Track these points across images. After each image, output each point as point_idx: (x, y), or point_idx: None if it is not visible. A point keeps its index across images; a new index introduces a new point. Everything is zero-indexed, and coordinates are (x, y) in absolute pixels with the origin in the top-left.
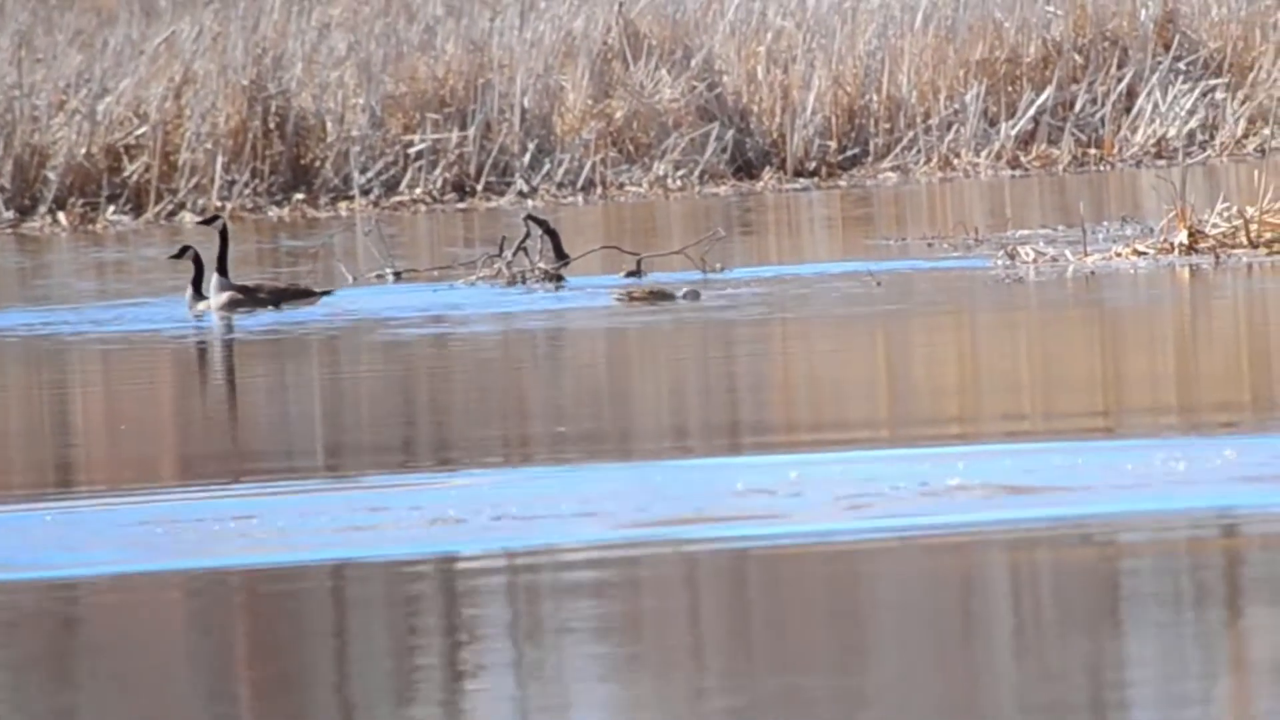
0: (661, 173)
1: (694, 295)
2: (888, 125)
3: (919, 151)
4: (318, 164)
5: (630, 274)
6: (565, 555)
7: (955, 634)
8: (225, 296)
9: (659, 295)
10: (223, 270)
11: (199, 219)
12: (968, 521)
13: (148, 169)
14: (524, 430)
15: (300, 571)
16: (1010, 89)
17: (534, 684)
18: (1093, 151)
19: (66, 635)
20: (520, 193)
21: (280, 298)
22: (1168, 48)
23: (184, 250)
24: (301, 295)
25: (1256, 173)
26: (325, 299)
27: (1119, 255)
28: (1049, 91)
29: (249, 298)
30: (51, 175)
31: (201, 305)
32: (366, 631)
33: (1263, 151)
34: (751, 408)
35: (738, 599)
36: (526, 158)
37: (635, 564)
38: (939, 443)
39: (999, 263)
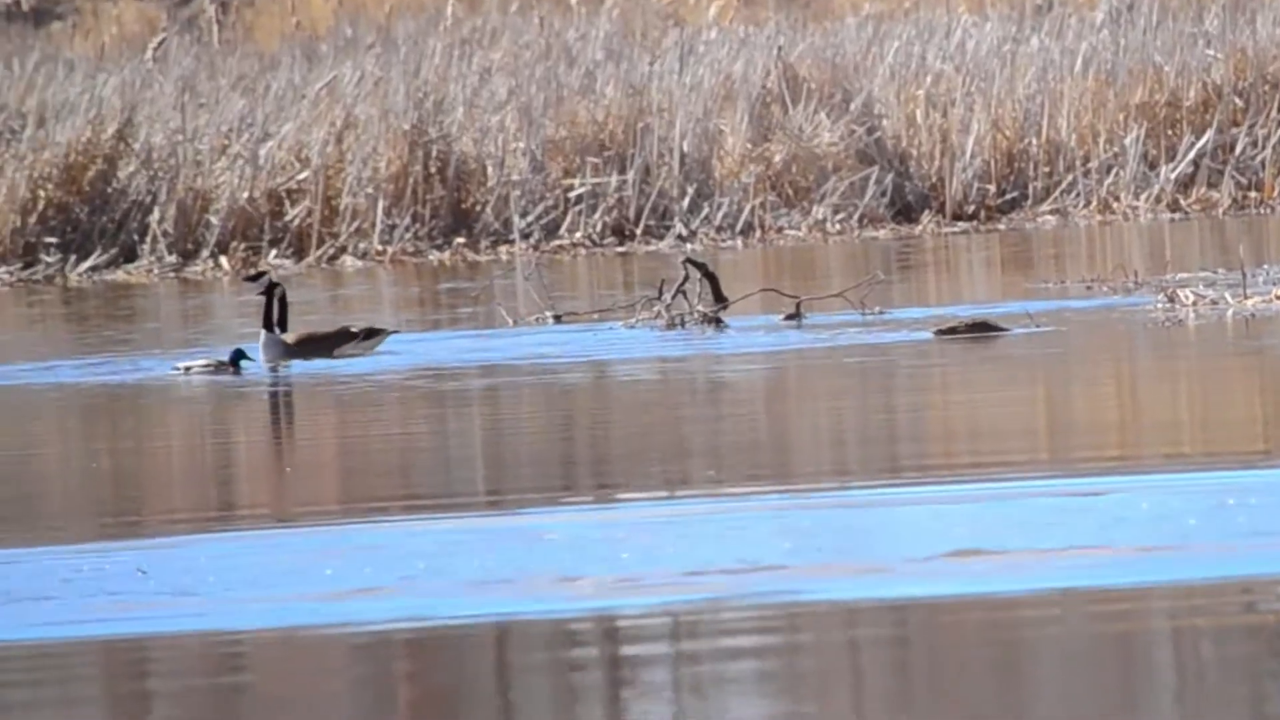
0: (820, 216)
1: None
2: (1047, 169)
3: (1078, 195)
4: (478, 208)
5: (789, 317)
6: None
7: (1124, 692)
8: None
9: (982, 326)
10: (270, 327)
11: (247, 275)
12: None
13: (309, 213)
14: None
15: (456, 627)
16: (1170, 132)
17: None
18: (1253, 194)
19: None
20: (679, 236)
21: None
22: None
23: (259, 275)
24: (346, 339)
25: None
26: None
27: (1279, 298)
28: (1209, 135)
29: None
30: (214, 220)
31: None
32: (526, 688)
33: None
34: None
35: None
36: (686, 201)
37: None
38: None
39: (1159, 305)
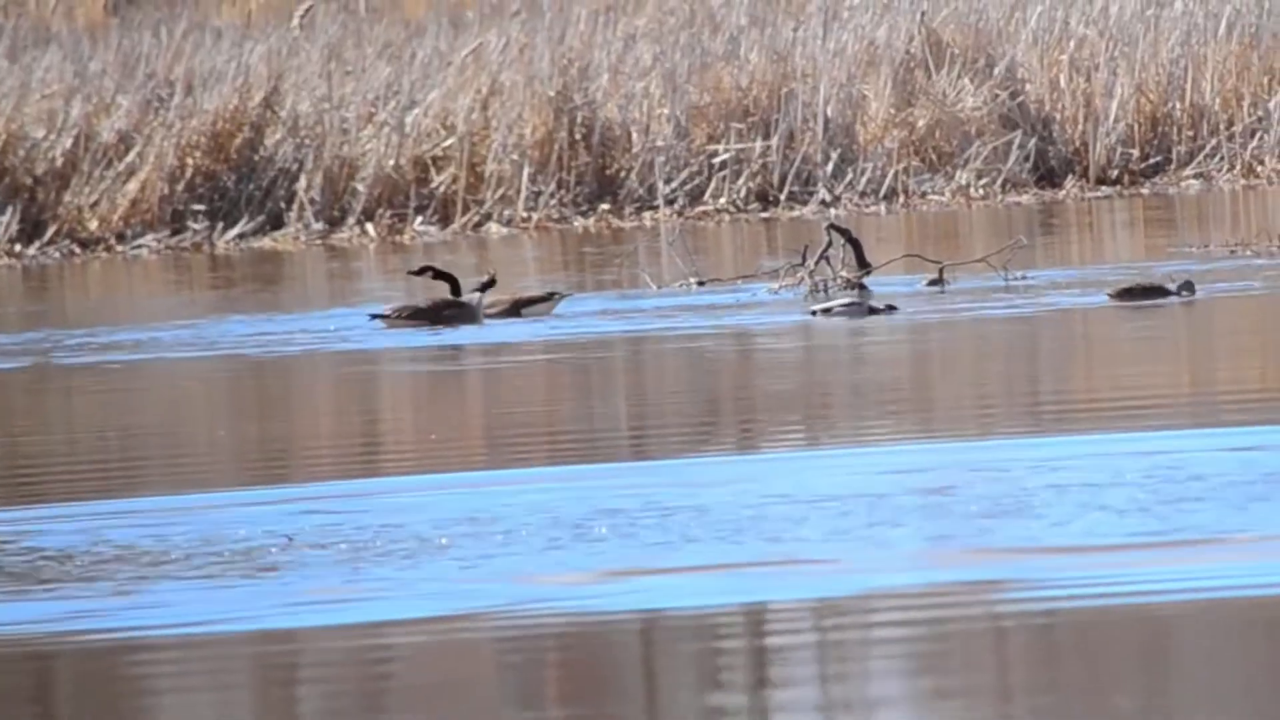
0: (964, 181)
1: (1189, 288)
2: (1190, 133)
3: (1222, 159)
4: (623, 174)
5: (932, 282)
6: None
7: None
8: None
9: (1149, 290)
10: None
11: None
12: None
13: (455, 180)
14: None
15: (598, 618)
16: None
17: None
18: None
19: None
20: (823, 202)
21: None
22: None
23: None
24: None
25: None
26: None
27: None
28: None
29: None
30: (360, 187)
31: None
32: (671, 668)
33: None
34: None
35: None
36: (829, 167)
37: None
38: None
39: None
